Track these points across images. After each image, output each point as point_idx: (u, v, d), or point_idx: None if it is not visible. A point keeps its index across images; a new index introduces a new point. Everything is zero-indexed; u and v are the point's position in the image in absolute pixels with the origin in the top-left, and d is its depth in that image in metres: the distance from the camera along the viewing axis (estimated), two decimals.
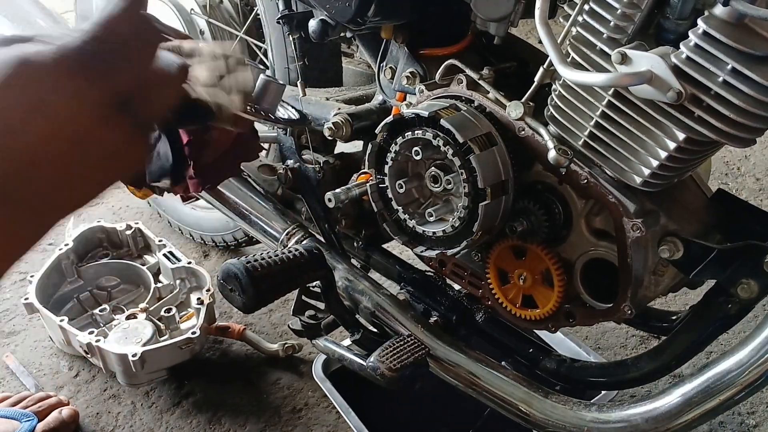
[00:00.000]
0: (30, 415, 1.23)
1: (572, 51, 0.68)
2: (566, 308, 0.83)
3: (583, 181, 0.74)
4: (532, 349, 0.92)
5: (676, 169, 0.69)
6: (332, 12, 0.88)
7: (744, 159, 2.14)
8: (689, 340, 0.78)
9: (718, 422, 1.32)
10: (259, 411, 1.35)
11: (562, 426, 0.81)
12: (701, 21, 0.58)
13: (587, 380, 0.87)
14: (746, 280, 0.69)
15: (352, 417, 1.17)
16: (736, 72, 0.57)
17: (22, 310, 1.46)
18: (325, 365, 1.27)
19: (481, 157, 0.74)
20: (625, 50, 0.62)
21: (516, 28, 0.83)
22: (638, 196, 0.72)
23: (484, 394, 0.88)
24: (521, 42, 0.93)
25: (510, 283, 0.86)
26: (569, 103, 0.72)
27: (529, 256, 0.83)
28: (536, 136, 0.75)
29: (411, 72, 0.92)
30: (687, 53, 0.59)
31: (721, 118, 0.60)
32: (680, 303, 1.57)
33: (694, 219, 0.77)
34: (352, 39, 1.05)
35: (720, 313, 0.74)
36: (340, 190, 0.88)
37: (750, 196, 2.00)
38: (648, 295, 0.77)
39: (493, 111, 0.79)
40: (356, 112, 1.02)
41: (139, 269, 1.55)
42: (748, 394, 0.68)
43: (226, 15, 1.61)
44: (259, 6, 1.35)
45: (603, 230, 0.79)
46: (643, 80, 0.61)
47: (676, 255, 0.72)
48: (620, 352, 1.48)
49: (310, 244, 0.90)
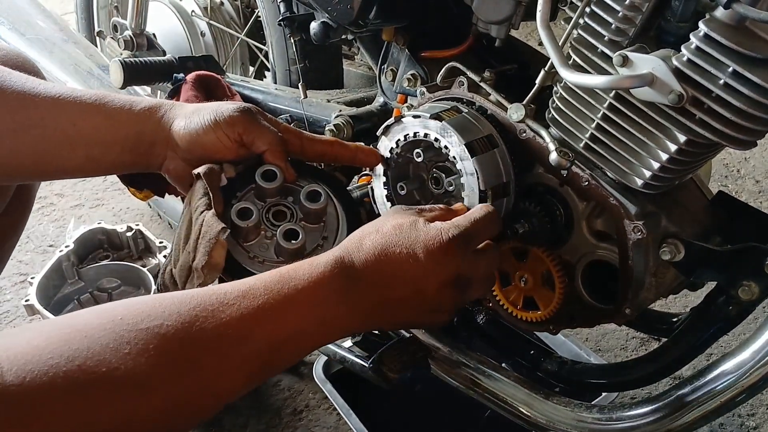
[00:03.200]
0: None
1: (573, 53, 0.69)
2: (567, 310, 0.83)
3: (584, 183, 0.74)
4: (533, 351, 0.92)
5: (677, 171, 0.69)
6: (334, 14, 0.88)
7: (744, 161, 2.14)
8: (690, 342, 0.78)
9: (718, 424, 1.32)
10: (260, 413, 1.35)
11: (563, 428, 0.81)
12: (702, 23, 0.58)
13: (588, 382, 0.87)
14: (747, 282, 0.69)
15: (353, 419, 1.16)
16: (737, 74, 0.58)
17: (22, 311, 1.46)
18: (326, 367, 1.27)
19: (482, 160, 0.74)
20: (626, 53, 0.62)
21: (516, 30, 0.83)
22: (639, 198, 0.72)
23: (484, 395, 0.88)
24: (522, 44, 0.93)
25: (511, 285, 0.86)
26: (570, 105, 0.72)
27: (530, 257, 0.83)
28: (537, 139, 0.76)
29: (412, 74, 0.93)
30: (688, 56, 0.60)
31: (722, 121, 0.60)
32: (680, 305, 1.57)
33: (695, 221, 0.77)
34: (353, 41, 1.05)
35: (720, 315, 0.74)
36: None
37: (750, 198, 2.00)
38: (649, 297, 0.77)
39: (495, 113, 0.79)
40: (357, 114, 1.02)
41: (139, 271, 1.55)
42: (749, 396, 0.68)
43: (227, 17, 1.61)
44: (261, 8, 1.35)
45: (604, 232, 0.79)
46: (645, 83, 0.61)
47: (676, 257, 0.72)
48: (621, 354, 1.48)
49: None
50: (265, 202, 0.75)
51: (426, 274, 0.64)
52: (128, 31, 1.41)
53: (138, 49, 1.42)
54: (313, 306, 0.60)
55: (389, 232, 0.65)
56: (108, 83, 1.37)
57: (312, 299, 0.60)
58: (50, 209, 1.92)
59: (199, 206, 0.70)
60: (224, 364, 0.55)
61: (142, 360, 0.50)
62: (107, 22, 1.76)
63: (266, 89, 1.23)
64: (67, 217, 1.88)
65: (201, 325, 0.54)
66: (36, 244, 1.80)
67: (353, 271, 0.63)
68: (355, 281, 0.62)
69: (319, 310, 0.60)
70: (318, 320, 0.60)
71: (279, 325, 0.58)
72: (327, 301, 0.61)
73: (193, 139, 0.73)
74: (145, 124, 0.74)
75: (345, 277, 0.62)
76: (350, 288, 0.62)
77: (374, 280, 0.63)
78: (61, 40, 1.51)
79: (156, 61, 1.21)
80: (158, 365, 0.51)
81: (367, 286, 0.63)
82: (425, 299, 0.65)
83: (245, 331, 0.56)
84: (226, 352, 0.55)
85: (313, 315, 0.60)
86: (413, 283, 0.64)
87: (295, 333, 0.59)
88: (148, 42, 1.43)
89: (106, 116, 0.74)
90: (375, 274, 0.63)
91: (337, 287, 0.61)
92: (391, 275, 0.64)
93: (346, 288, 0.62)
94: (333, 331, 0.63)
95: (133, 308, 0.54)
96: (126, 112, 0.74)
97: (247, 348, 0.56)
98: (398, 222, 0.66)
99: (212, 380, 0.55)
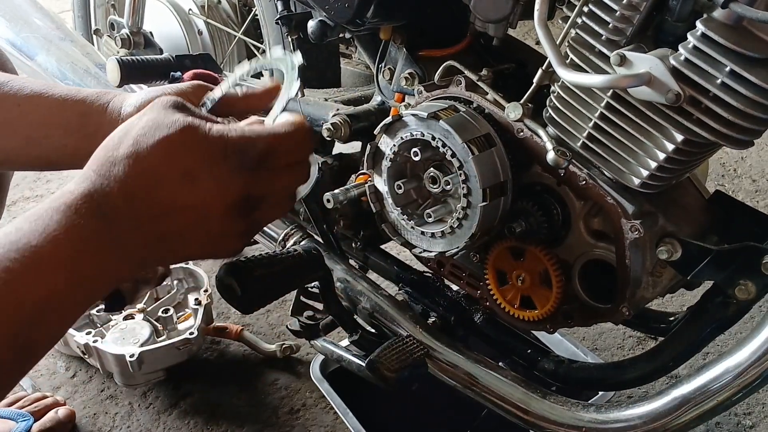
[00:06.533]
0: (26, 415, 1.22)
1: (571, 52, 0.69)
2: (564, 309, 0.83)
3: (581, 182, 0.74)
4: (530, 350, 0.92)
5: (674, 171, 0.69)
6: (331, 13, 0.88)
7: (740, 160, 2.15)
8: (686, 341, 0.78)
9: (714, 423, 1.32)
10: (257, 412, 1.34)
11: (560, 426, 0.81)
12: (700, 23, 0.58)
13: (585, 381, 0.87)
14: (744, 281, 0.69)
15: (350, 418, 1.17)
16: (734, 74, 0.58)
17: None
18: (323, 366, 1.27)
19: (479, 159, 0.74)
20: (623, 52, 0.62)
21: (513, 30, 0.83)
22: (636, 197, 0.72)
23: (482, 394, 0.88)
24: (520, 43, 0.93)
25: (508, 284, 0.86)
26: (568, 104, 0.72)
27: (528, 257, 0.83)
28: (535, 138, 0.76)
29: (410, 73, 0.93)
30: (685, 55, 0.60)
31: (719, 120, 0.60)
32: (677, 304, 1.57)
33: (692, 220, 0.77)
34: (350, 40, 1.05)
35: (717, 314, 0.74)
36: (338, 191, 0.88)
37: (746, 197, 2.00)
38: (646, 296, 0.77)
39: (492, 112, 0.79)
40: (355, 113, 1.02)
41: None
42: (745, 395, 0.69)
43: (224, 15, 1.61)
44: (258, 6, 1.35)
45: (601, 231, 0.79)
46: (642, 82, 0.61)
47: (674, 256, 0.72)
48: (617, 353, 1.48)
49: (308, 245, 0.90)
50: None
51: (209, 200, 0.53)
52: (125, 30, 1.41)
53: (135, 47, 1.42)
54: (60, 267, 0.49)
55: (156, 149, 0.52)
56: (105, 81, 1.37)
57: (56, 259, 0.49)
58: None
59: None
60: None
61: None
62: (104, 21, 1.75)
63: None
64: None
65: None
66: None
67: (108, 208, 0.51)
68: (113, 222, 0.51)
69: (68, 270, 0.49)
70: (70, 282, 0.50)
71: (15, 297, 0.47)
72: (78, 256, 0.50)
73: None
74: (91, 106, 0.72)
75: (98, 218, 0.51)
76: (108, 230, 0.51)
77: (140, 214, 0.52)
78: (58, 38, 1.50)
79: (153, 60, 1.21)
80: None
81: (133, 226, 0.52)
82: (210, 228, 0.55)
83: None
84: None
85: (63, 278, 0.49)
86: (194, 210, 0.53)
87: (45, 304, 0.49)
88: (145, 40, 1.43)
89: (50, 99, 0.72)
90: (141, 205, 0.52)
91: (90, 234, 0.50)
92: (164, 204, 0.52)
93: (101, 231, 0.51)
94: (98, 286, 0.53)
95: None
96: (72, 96, 0.72)
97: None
98: (162, 136, 0.52)
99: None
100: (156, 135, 0.52)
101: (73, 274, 0.50)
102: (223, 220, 0.55)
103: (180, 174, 0.52)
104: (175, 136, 0.52)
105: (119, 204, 0.51)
